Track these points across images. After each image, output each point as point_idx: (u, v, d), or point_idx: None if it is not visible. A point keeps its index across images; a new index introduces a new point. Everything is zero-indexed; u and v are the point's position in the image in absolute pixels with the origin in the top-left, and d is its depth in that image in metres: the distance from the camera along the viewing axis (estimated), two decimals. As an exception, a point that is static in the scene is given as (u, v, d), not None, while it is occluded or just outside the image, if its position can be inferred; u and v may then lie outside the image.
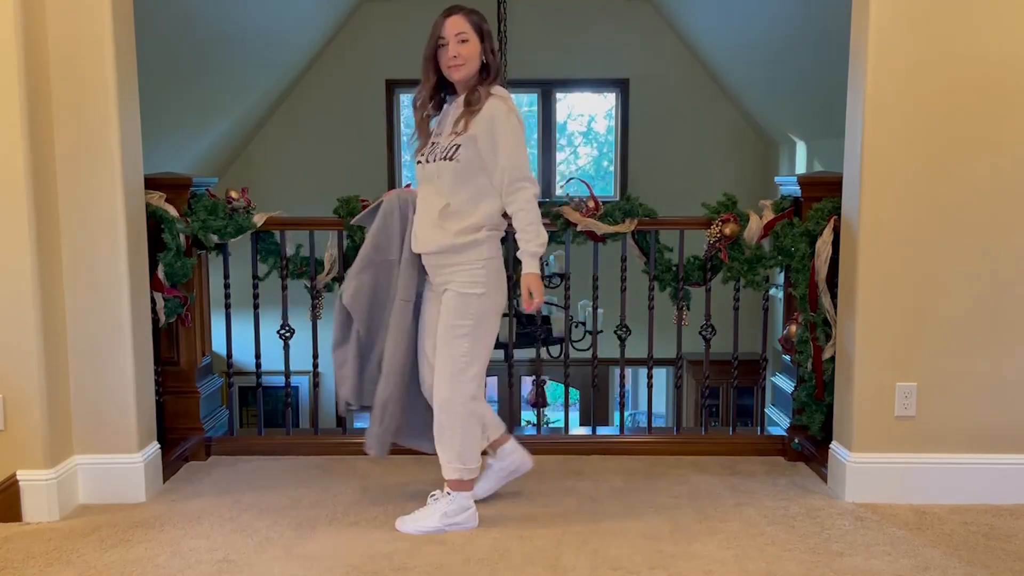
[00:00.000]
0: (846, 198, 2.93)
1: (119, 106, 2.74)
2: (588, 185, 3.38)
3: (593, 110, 8.97)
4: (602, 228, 3.24)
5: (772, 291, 3.44)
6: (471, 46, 2.55)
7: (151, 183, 3.12)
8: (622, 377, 3.51)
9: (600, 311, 3.61)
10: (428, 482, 2.93)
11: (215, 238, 3.25)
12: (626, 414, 3.68)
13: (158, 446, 3.03)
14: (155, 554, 2.48)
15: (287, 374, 3.51)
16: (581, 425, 5.10)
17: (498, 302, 2.63)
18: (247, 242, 3.36)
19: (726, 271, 3.25)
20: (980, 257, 2.77)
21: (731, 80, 7.39)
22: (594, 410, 3.57)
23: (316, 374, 3.63)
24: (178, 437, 3.29)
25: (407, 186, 2.86)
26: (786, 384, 3.52)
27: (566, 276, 3.50)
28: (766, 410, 3.74)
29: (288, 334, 3.46)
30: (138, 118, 2.89)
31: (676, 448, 3.37)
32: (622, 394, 3.56)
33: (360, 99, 7.65)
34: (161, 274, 3.13)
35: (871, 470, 2.85)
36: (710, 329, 3.44)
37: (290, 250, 3.39)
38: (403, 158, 7.90)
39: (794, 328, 3.21)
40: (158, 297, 3.13)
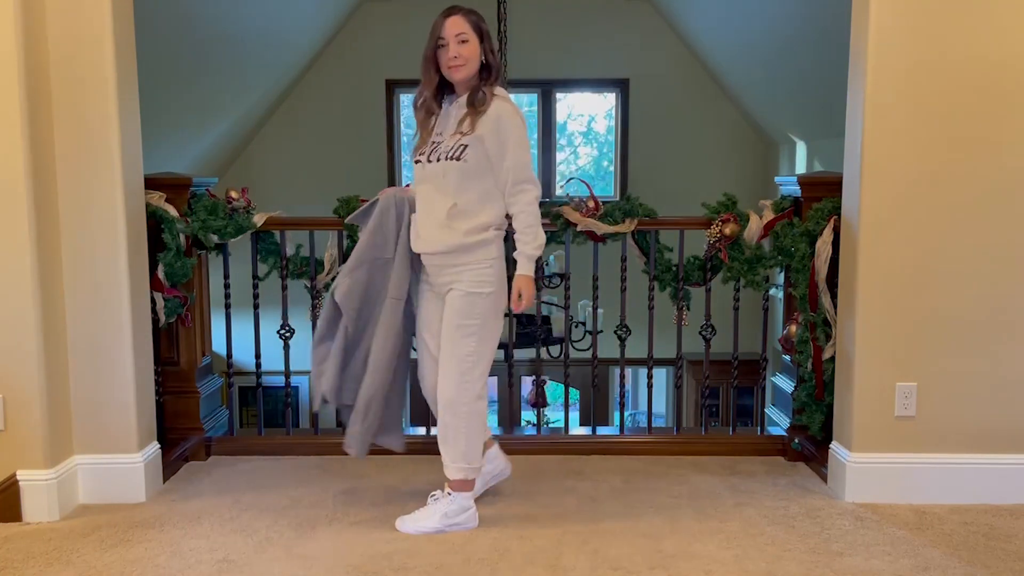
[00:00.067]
0: (846, 198, 2.93)
1: (119, 106, 2.74)
2: (588, 185, 3.38)
3: (593, 110, 8.97)
4: (602, 228, 3.24)
5: (772, 291, 3.44)
6: (471, 46, 2.55)
7: (151, 183, 3.12)
8: (622, 377, 3.51)
9: (600, 311, 3.61)
10: (428, 482, 2.93)
11: (215, 238, 3.25)
12: (626, 414, 3.68)
13: (158, 446, 3.03)
14: (155, 554, 2.48)
15: (287, 374, 3.51)
16: (581, 425, 5.09)
17: (503, 301, 2.64)
18: (247, 242, 3.36)
19: (726, 271, 3.25)
20: (980, 257, 2.77)
21: (731, 80, 7.39)
22: (594, 410, 3.57)
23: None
24: (178, 437, 3.29)
25: (407, 186, 2.86)
26: (786, 384, 3.52)
27: (566, 276, 3.50)
28: (766, 410, 3.74)
29: (288, 334, 3.46)
30: (138, 118, 2.89)
31: (676, 448, 3.37)
32: (622, 394, 3.56)
33: (360, 99, 7.65)
34: (161, 274, 3.13)
35: (871, 470, 2.85)
36: (710, 329, 3.44)
37: (290, 250, 3.39)
38: (403, 158, 7.90)
39: (794, 328, 3.21)
40: (158, 297, 3.13)
